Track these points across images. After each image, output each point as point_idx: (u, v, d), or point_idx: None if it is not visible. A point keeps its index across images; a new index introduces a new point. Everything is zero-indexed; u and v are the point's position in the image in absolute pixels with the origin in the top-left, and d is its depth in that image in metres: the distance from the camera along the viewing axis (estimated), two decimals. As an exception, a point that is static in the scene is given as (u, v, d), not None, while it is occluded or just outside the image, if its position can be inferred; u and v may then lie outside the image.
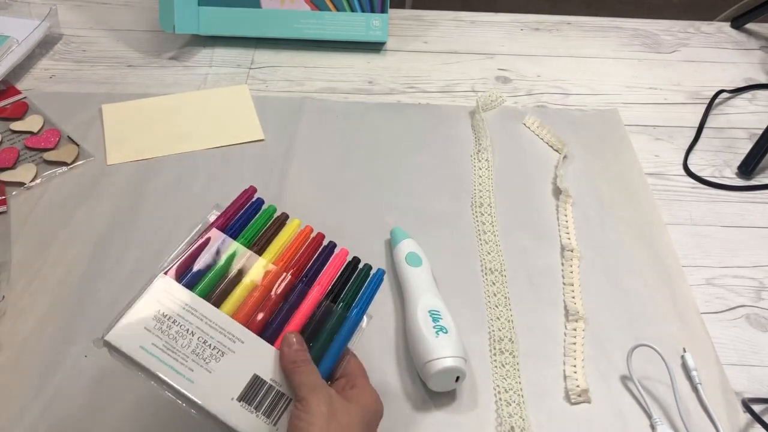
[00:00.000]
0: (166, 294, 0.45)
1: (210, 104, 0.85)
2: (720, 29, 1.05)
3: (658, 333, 0.62)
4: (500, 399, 0.56)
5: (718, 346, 0.61)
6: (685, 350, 0.60)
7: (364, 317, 0.48)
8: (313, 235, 0.52)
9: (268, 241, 0.51)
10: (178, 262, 0.47)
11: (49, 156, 0.76)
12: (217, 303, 0.46)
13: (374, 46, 0.97)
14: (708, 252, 0.70)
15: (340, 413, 0.42)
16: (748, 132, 0.85)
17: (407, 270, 0.62)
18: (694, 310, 0.64)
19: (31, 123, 0.80)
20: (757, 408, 0.56)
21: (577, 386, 0.57)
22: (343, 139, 0.81)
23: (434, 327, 0.55)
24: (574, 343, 0.60)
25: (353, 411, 0.43)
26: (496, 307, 0.63)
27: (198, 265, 0.48)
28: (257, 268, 0.49)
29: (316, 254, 0.51)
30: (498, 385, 0.57)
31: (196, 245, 0.48)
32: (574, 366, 0.59)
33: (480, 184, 0.75)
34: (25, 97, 0.84)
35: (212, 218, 0.51)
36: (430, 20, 1.03)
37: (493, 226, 0.71)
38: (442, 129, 0.83)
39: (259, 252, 0.50)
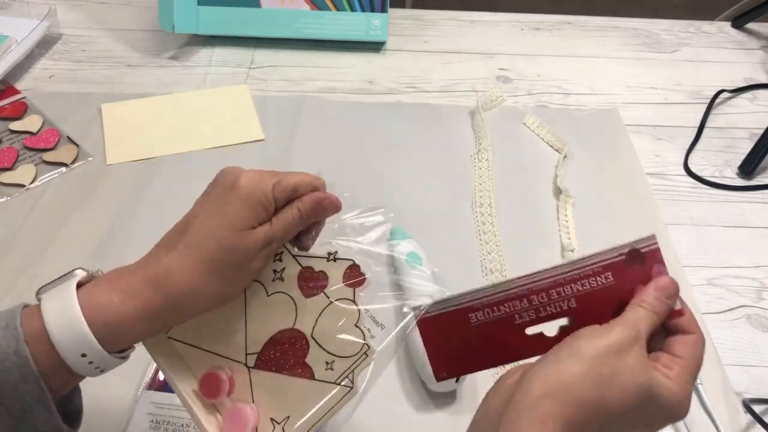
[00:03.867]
0: (153, 405, 0.51)
1: (210, 104, 0.85)
2: (720, 29, 1.05)
3: (659, 333, 0.61)
4: (501, 399, 0.56)
5: (719, 346, 0.61)
6: (685, 350, 0.59)
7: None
8: None
9: None
10: (155, 376, 0.53)
11: (48, 156, 0.76)
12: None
13: (374, 46, 0.96)
14: (709, 252, 0.70)
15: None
16: (749, 132, 0.85)
17: (407, 270, 0.62)
18: (695, 310, 0.64)
19: (31, 123, 0.80)
20: (758, 408, 0.56)
21: (578, 386, 0.56)
22: (343, 139, 0.81)
23: (434, 327, 0.55)
24: (575, 344, 0.60)
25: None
26: (497, 307, 0.63)
27: None
28: None
29: None
30: (498, 386, 0.57)
31: None
32: (575, 366, 0.58)
33: (480, 184, 0.75)
34: (24, 97, 0.84)
35: None
36: (430, 20, 1.03)
37: (493, 226, 0.71)
38: (442, 129, 0.83)
39: None
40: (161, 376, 0.53)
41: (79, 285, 0.38)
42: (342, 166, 0.77)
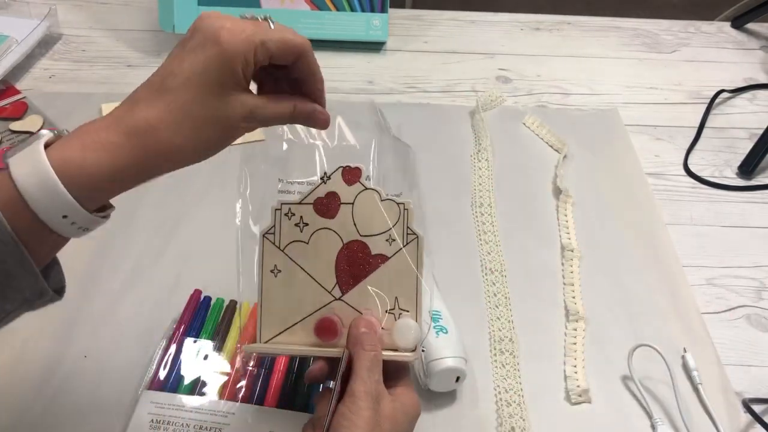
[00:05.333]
0: (153, 405, 0.51)
1: (210, 104, 0.85)
2: (720, 29, 1.05)
3: (659, 333, 0.61)
4: (500, 399, 0.56)
5: (718, 346, 0.61)
6: (685, 350, 0.59)
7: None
8: None
9: (227, 328, 0.57)
10: (155, 376, 0.53)
11: (48, 156, 0.76)
12: (203, 392, 0.53)
13: (374, 46, 0.96)
14: (708, 252, 0.70)
15: (385, 420, 0.41)
16: (749, 132, 0.85)
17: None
18: (694, 310, 0.64)
19: (31, 123, 0.80)
20: (757, 408, 0.56)
21: (578, 386, 0.57)
22: (343, 139, 0.81)
23: (434, 327, 0.55)
24: (575, 343, 0.60)
25: (399, 417, 0.42)
26: (497, 307, 0.63)
27: (175, 370, 0.54)
28: (226, 353, 0.55)
29: None
30: (498, 386, 0.57)
31: (165, 357, 0.55)
32: (575, 366, 0.58)
33: (480, 184, 0.75)
34: (24, 97, 0.84)
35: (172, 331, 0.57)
36: (430, 20, 1.03)
37: (493, 226, 0.71)
38: (442, 129, 0.83)
39: (223, 339, 0.56)
40: (161, 376, 0.53)
41: (47, 146, 0.36)
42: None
